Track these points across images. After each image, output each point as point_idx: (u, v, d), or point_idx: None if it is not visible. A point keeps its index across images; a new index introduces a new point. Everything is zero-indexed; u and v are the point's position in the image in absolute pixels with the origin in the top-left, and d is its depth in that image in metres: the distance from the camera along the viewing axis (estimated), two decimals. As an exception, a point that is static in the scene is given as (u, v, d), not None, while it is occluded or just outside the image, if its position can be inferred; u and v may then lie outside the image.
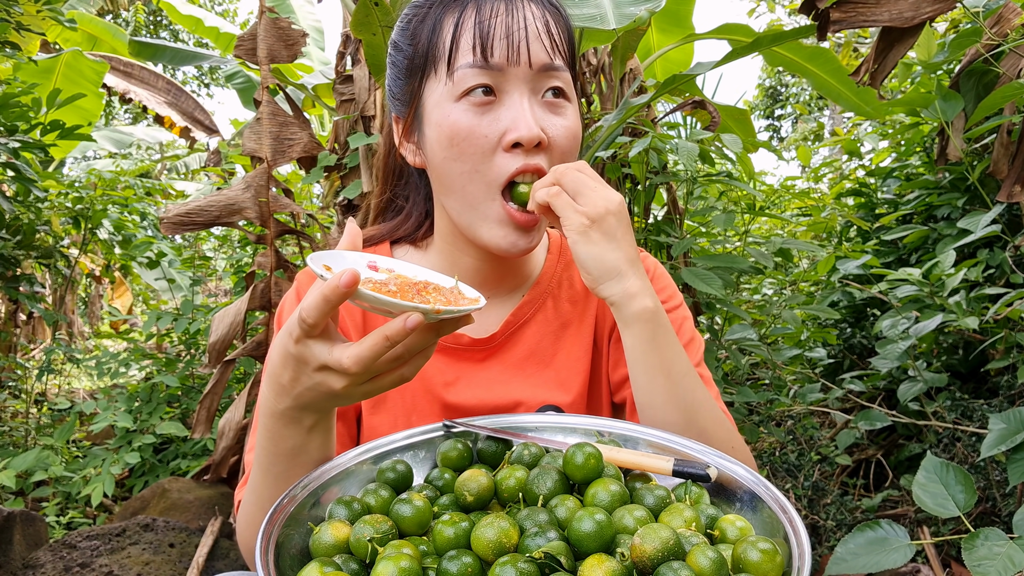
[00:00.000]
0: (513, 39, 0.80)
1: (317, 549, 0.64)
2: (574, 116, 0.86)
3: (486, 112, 0.81)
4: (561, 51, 0.84)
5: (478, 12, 0.81)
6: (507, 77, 0.81)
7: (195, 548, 2.05)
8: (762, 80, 13.62)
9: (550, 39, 0.82)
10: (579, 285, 1.00)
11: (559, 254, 1.02)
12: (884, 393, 2.58)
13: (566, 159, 0.84)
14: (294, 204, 2.33)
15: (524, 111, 0.80)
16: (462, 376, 0.95)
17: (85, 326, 6.03)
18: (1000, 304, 1.80)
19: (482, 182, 0.82)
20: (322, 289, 0.58)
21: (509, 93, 0.81)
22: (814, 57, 2.34)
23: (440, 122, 0.83)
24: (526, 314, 0.97)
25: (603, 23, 1.84)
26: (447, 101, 0.82)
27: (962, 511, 1.28)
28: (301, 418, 0.70)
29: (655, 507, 0.67)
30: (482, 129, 0.80)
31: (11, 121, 2.67)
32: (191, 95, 4.71)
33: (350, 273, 0.57)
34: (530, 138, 0.79)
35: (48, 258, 3.26)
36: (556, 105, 0.84)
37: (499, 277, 0.97)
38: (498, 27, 0.80)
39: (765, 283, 3.30)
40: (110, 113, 12.04)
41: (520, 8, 0.82)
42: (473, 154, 0.81)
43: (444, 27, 0.82)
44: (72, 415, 3.00)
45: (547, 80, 0.82)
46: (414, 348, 0.63)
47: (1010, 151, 2.21)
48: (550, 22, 0.83)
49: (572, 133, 0.85)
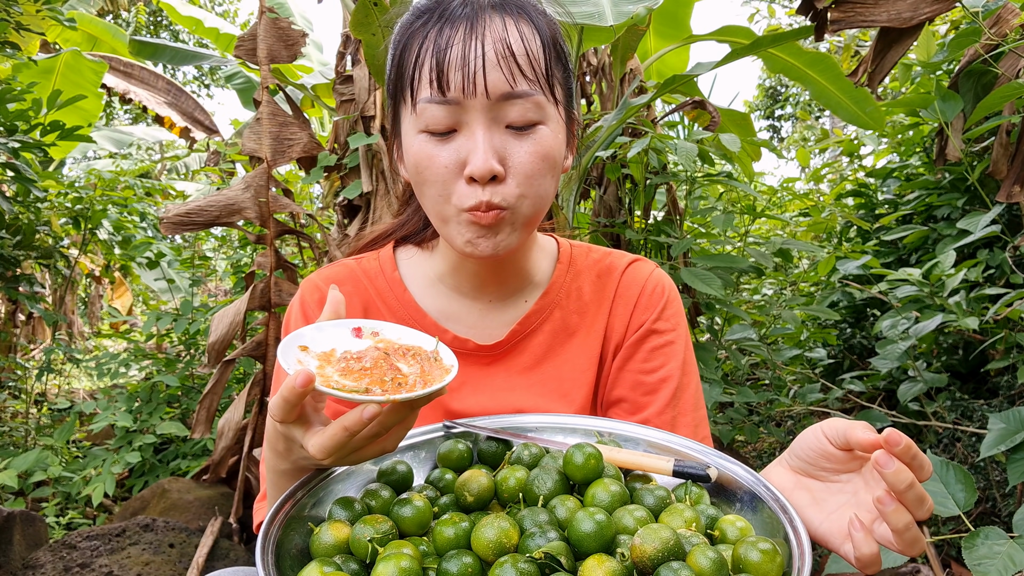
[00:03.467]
0: (469, 69, 0.76)
1: (317, 549, 0.64)
2: (543, 138, 0.81)
3: (447, 143, 0.80)
4: (530, 71, 0.79)
5: (437, 39, 0.78)
6: (465, 108, 0.78)
7: (195, 548, 2.05)
8: (762, 80, 13.62)
9: (514, 63, 0.78)
10: (587, 296, 1.00)
11: (568, 264, 1.01)
12: (884, 393, 2.58)
13: (532, 183, 0.81)
14: (294, 204, 2.33)
15: (478, 144, 0.78)
16: (467, 382, 0.95)
17: (85, 326, 6.03)
18: (1000, 304, 1.80)
19: (448, 205, 0.82)
20: (282, 391, 0.62)
21: (468, 124, 0.79)
22: (815, 63, 2.34)
23: (408, 149, 0.84)
24: (533, 323, 0.97)
25: (601, 20, 1.84)
26: (413, 131, 0.82)
27: (962, 510, 1.28)
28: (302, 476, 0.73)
29: (655, 507, 0.67)
30: (442, 160, 0.80)
31: (11, 121, 2.67)
32: (191, 95, 4.71)
33: (304, 375, 0.59)
34: (481, 174, 0.78)
35: (48, 258, 3.26)
36: (521, 131, 0.80)
37: (499, 280, 0.97)
38: (454, 57, 0.77)
39: (765, 284, 3.30)
40: (110, 113, 12.04)
41: (481, 30, 0.78)
42: (436, 183, 0.81)
43: (408, 56, 0.81)
44: (72, 415, 3.00)
45: (509, 108, 0.79)
46: (389, 424, 0.65)
47: (1009, 151, 2.21)
48: (516, 42, 0.78)
49: (539, 156, 0.81)
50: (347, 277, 0.99)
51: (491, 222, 0.81)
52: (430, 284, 0.99)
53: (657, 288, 1.00)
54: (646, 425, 0.94)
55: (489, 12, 0.79)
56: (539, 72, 0.80)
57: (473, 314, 0.97)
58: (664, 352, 0.97)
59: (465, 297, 0.98)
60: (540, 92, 0.80)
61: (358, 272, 1.00)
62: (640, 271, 1.01)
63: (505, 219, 0.82)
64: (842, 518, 0.64)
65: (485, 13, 0.79)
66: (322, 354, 0.68)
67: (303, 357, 0.67)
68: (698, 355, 2.06)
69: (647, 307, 0.99)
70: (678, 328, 0.99)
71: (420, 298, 0.98)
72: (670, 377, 0.95)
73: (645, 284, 1.00)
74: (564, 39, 0.89)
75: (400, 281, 0.98)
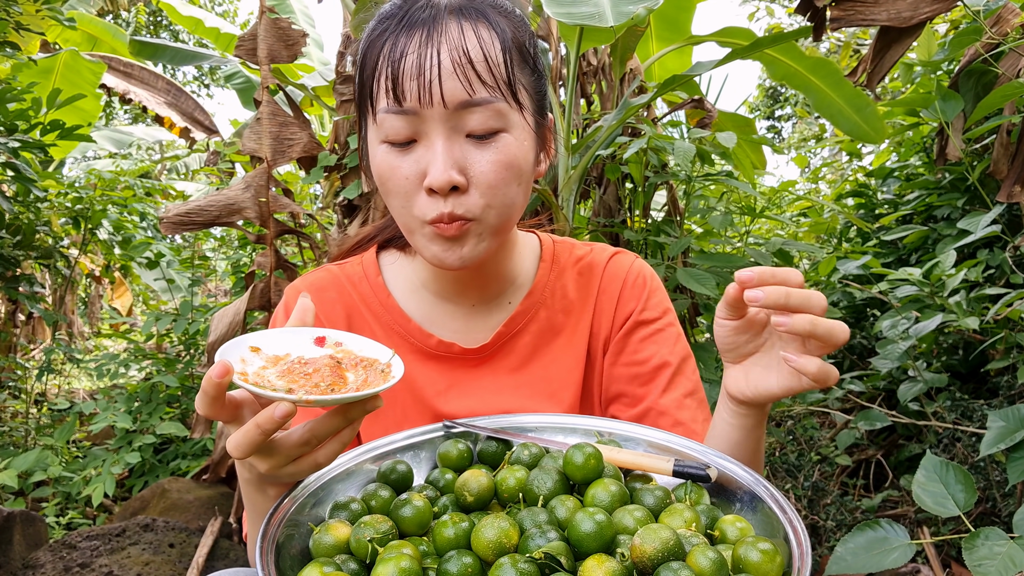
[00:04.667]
0: (425, 78, 0.75)
1: (317, 549, 0.64)
2: (506, 146, 0.79)
3: (408, 153, 0.79)
4: (489, 78, 0.77)
5: (393, 48, 0.76)
6: (423, 119, 0.76)
7: (195, 548, 2.05)
8: (762, 80, 13.60)
9: (471, 70, 0.75)
10: (572, 294, 0.99)
11: (551, 263, 1.00)
12: (884, 393, 2.57)
13: (495, 192, 0.79)
14: (294, 204, 2.33)
15: (437, 155, 0.77)
16: (454, 386, 0.95)
17: (85, 326, 6.03)
18: (1000, 304, 1.80)
19: (411, 216, 0.82)
20: (203, 382, 0.60)
21: (427, 134, 0.78)
22: (817, 68, 2.33)
23: (372, 160, 0.83)
24: (519, 324, 0.97)
25: (601, 21, 1.83)
26: (375, 141, 0.81)
27: (962, 510, 1.28)
28: (264, 489, 0.71)
29: (655, 507, 0.67)
30: (403, 171, 0.79)
31: (11, 121, 2.67)
32: (191, 95, 4.71)
33: (220, 365, 0.58)
34: (440, 186, 0.76)
35: (48, 258, 3.26)
36: (482, 140, 0.78)
37: (480, 285, 0.96)
38: (408, 66, 0.75)
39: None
40: (110, 113, 12.03)
41: (438, 37, 0.76)
42: (398, 194, 0.81)
43: (368, 65, 0.80)
44: (72, 415, 3.00)
45: (468, 116, 0.77)
46: (320, 434, 0.63)
47: (1010, 151, 2.21)
48: (474, 48, 0.76)
49: (502, 165, 0.79)
50: (330, 283, 0.98)
51: (455, 234, 0.80)
52: (413, 289, 0.98)
53: (639, 279, 0.99)
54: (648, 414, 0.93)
55: (447, 17, 0.77)
56: (499, 78, 0.77)
57: (458, 318, 0.97)
58: (655, 340, 0.97)
59: (448, 302, 0.97)
60: (501, 99, 0.78)
61: (341, 277, 0.99)
62: (621, 264, 1.01)
63: (470, 230, 0.81)
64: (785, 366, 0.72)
65: (442, 19, 0.77)
66: (273, 357, 0.67)
67: (249, 357, 0.66)
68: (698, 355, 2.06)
69: (631, 298, 0.98)
70: (666, 315, 0.99)
71: (404, 303, 0.97)
72: (666, 364, 0.95)
73: (627, 276, 0.99)
74: (531, 41, 0.86)
75: (384, 286, 0.98)
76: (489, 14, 0.80)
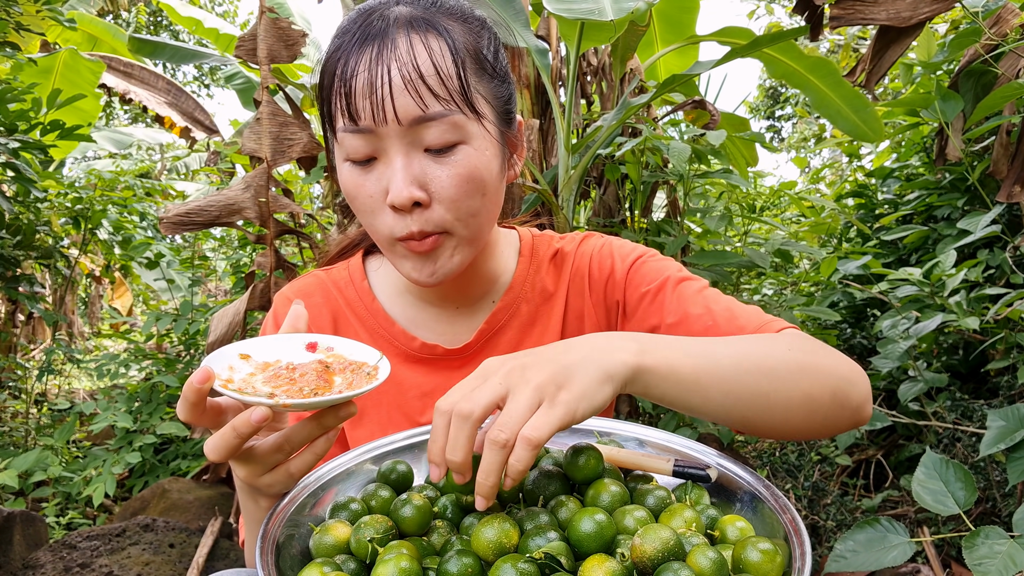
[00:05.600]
0: (377, 96, 0.73)
1: (317, 549, 0.64)
2: (466, 158, 0.77)
3: (369, 171, 0.79)
4: (442, 91, 0.75)
5: (346, 66, 0.75)
6: (380, 136, 0.76)
7: (195, 548, 2.05)
8: (762, 80, 13.60)
9: (423, 85, 0.74)
10: (550, 285, 0.99)
11: (530, 257, 1.00)
12: (884, 393, 2.57)
13: (459, 205, 0.78)
14: (294, 204, 2.33)
15: (396, 172, 0.76)
16: (438, 387, 0.95)
17: (85, 326, 6.03)
18: (1000, 304, 1.80)
19: (379, 234, 0.82)
20: (184, 388, 0.61)
21: (385, 151, 0.77)
22: (816, 68, 2.34)
23: (340, 177, 0.83)
24: (500, 320, 0.96)
25: (600, 16, 1.83)
26: (340, 159, 0.81)
27: (962, 508, 1.27)
28: (255, 497, 0.72)
29: (655, 508, 0.67)
30: (367, 189, 0.79)
31: (11, 121, 2.67)
32: (191, 95, 4.71)
33: (202, 372, 0.59)
34: (401, 203, 0.76)
35: (48, 258, 3.26)
36: (441, 154, 0.77)
37: (462, 289, 0.96)
38: (361, 84, 0.74)
39: (765, 284, 3.30)
40: (110, 113, 12.04)
41: (388, 52, 0.74)
42: (365, 212, 0.81)
43: (325, 84, 0.79)
44: (72, 415, 3.00)
45: (424, 131, 0.75)
46: (294, 440, 0.64)
47: (1009, 151, 2.21)
48: (424, 62, 0.74)
49: (462, 178, 0.77)
50: (317, 288, 0.99)
51: (427, 249, 0.80)
52: (398, 293, 0.98)
53: (604, 248, 0.98)
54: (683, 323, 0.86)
55: (396, 31, 0.75)
56: (452, 91, 0.76)
57: (442, 320, 0.97)
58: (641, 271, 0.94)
59: (432, 305, 0.97)
60: (456, 111, 0.76)
61: (328, 283, 0.99)
62: (589, 244, 1.00)
63: (443, 244, 0.80)
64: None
65: (392, 33, 0.75)
66: (262, 364, 0.67)
67: (238, 364, 0.66)
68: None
69: (600, 268, 0.97)
70: (641, 254, 0.96)
71: (389, 307, 0.97)
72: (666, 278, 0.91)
73: (592, 253, 0.99)
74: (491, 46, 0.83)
75: (369, 290, 0.98)
76: (441, 23, 0.78)
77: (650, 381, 0.65)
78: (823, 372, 0.73)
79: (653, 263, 0.95)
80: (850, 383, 0.74)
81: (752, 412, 0.70)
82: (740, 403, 0.69)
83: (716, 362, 0.68)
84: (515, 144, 0.89)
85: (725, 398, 0.68)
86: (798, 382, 0.71)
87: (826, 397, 0.72)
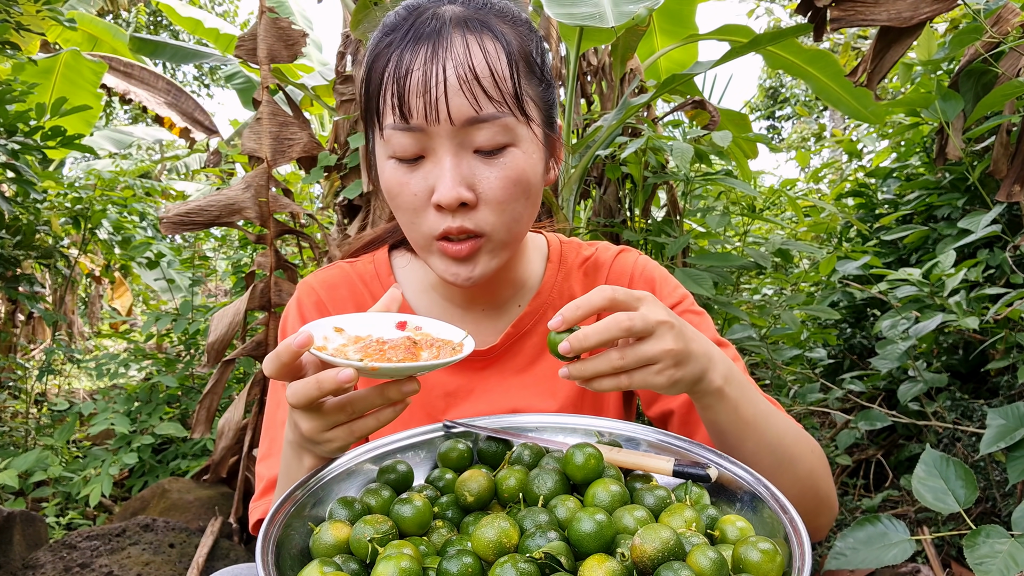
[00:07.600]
0: (431, 95, 0.74)
1: (318, 549, 0.64)
2: (514, 161, 0.78)
3: (415, 169, 0.79)
4: (496, 93, 0.76)
5: (399, 64, 0.75)
6: (430, 135, 0.76)
7: (195, 548, 2.05)
8: (762, 80, 13.61)
9: (477, 86, 0.74)
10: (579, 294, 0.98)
11: (559, 263, 1.00)
12: (884, 393, 2.57)
13: (504, 208, 0.79)
14: (294, 204, 2.33)
15: (444, 172, 0.76)
16: (461, 387, 0.95)
17: (85, 326, 6.03)
18: (1000, 304, 1.80)
19: (419, 232, 0.82)
20: (278, 347, 0.64)
21: (435, 150, 0.77)
22: (814, 60, 2.34)
23: (381, 175, 0.83)
24: (526, 325, 0.97)
25: (601, 21, 1.83)
26: (383, 156, 0.81)
27: (962, 506, 1.27)
28: (301, 456, 0.73)
29: (655, 507, 0.67)
30: (412, 187, 0.79)
31: (10, 122, 2.67)
32: (191, 95, 4.71)
33: (304, 335, 0.62)
34: (448, 203, 0.76)
35: (48, 258, 3.26)
36: (490, 155, 0.78)
37: (489, 293, 0.96)
38: (415, 82, 0.74)
39: (765, 283, 3.30)
40: (110, 113, 12.03)
41: (444, 52, 0.74)
42: (407, 210, 0.81)
43: (374, 80, 0.79)
44: (72, 415, 3.00)
45: (475, 132, 0.76)
46: (357, 402, 0.66)
47: (1010, 151, 2.21)
48: (479, 63, 0.75)
49: (510, 181, 0.78)
50: (342, 280, 0.99)
51: (466, 254, 0.80)
52: (424, 291, 0.98)
53: (644, 273, 0.99)
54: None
55: (451, 31, 0.76)
56: (506, 93, 0.76)
57: (468, 322, 0.97)
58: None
59: (458, 306, 0.97)
60: (508, 113, 0.77)
61: (353, 275, 0.99)
62: (625, 261, 1.00)
63: (481, 247, 0.81)
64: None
65: (447, 32, 0.76)
66: (355, 337, 0.70)
67: (332, 335, 0.69)
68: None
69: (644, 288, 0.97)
70: (683, 298, 0.97)
71: (415, 304, 0.98)
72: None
73: (632, 272, 0.99)
74: (538, 49, 0.84)
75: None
76: (495, 25, 0.79)
77: (717, 406, 0.74)
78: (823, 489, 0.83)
79: (694, 318, 0.96)
80: (829, 508, 0.85)
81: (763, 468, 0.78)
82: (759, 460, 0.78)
83: (767, 421, 0.77)
84: (555, 148, 0.90)
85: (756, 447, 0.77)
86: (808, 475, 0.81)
87: (811, 501, 0.82)
